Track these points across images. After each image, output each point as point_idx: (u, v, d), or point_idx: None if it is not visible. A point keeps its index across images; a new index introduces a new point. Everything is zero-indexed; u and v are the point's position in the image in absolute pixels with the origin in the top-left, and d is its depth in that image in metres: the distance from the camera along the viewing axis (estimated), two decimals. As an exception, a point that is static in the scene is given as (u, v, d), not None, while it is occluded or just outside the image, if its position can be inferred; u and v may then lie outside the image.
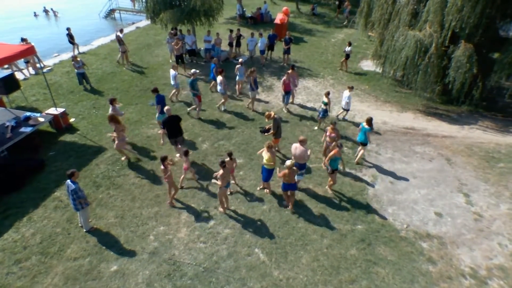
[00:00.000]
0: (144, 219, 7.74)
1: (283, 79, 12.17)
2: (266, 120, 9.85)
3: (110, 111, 9.69)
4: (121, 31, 16.87)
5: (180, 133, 9.28)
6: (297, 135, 11.15)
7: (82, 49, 18.69)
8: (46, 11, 28.90)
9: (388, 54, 14.58)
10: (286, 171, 7.42)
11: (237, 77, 13.51)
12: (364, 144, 9.68)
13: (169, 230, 7.51)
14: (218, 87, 12.08)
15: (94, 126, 11.15)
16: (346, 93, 11.65)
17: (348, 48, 16.23)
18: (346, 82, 15.44)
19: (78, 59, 13.36)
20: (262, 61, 16.91)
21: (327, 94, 11.18)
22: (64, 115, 10.82)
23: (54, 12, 28.89)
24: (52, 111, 10.79)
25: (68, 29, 17.51)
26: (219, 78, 11.94)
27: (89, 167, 9.23)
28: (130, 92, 13.64)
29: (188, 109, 12.25)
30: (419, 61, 12.22)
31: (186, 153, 8.30)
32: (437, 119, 12.74)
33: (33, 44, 16.29)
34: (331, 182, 8.63)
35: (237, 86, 13.93)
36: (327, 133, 9.42)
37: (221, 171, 7.34)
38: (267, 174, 8.22)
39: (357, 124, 12.06)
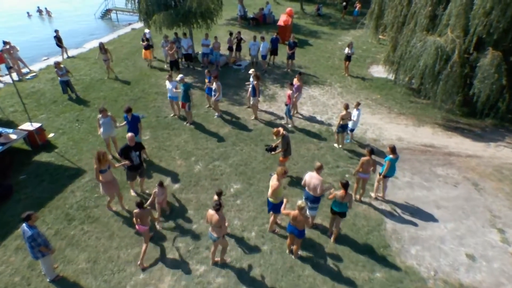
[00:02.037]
0: (121, 264, 6.51)
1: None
2: (274, 138, 8.60)
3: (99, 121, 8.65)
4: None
5: (142, 164, 7.77)
6: (303, 153, 9.94)
7: (72, 52, 17.54)
8: (39, 11, 27.77)
9: (402, 61, 13.30)
10: (295, 212, 6.12)
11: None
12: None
13: (150, 279, 6.27)
14: (214, 94, 10.97)
15: (74, 142, 9.94)
16: (354, 111, 10.16)
17: (349, 50, 14.95)
18: (356, 91, 14.15)
19: (62, 65, 12.16)
20: (264, 66, 15.64)
21: (346, 106, 9.78)
22: (40, 131, 9.60)
23: (48, 12, 27.74)
24: (27, 126, 9.58)
25: (56, 31, 16.38)
26: (216, 84, 10.81)
27: (63, 195, 8.00)
28: (118, 102, 12.42)
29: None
30: (439, 70, 10.91)
31: (161, 184, 7.11)
32: (459, 134, 11.42)
33: (18, 47, 15.23)
34: (335, 234, 7.20)
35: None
36: (361, 163, 7.78)
37: (215, 216, 5.83)
38: (273, 207, 6.92)
39: (363, 140, 10.79)
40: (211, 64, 15.86)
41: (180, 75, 10.68)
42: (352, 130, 10.46)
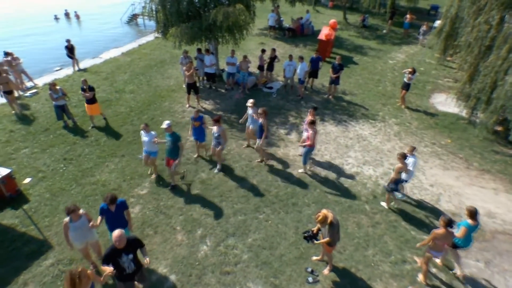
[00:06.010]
0: None
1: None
2: (319, 225, 5.76)
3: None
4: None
5: (138, 269, 4.96)
6: (351, 232, 7.10)
7: (86, 63, 15.80)
8: (67, 14, 26.72)
9: (485, 96, 10.18)
10: None
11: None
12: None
13: None
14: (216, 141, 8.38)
15: (51, 195, 7.70)
16: (409, 158, 7.54)
17: (411, 76, 11.79)
18: (418, 131, 11.03)
19: (58, 87, 10.10)
20: (301, 92, 12.87)
21: (402, 156, 7.19)
22: (8, 180, 7.43)
23: (77, 15, 26.63)
24: (-8, 173, 7.48)
25: (67, 41, 14.68)
26: (219, 128, 8.15)
27: (10, 290, 5.73)
28: (120, 134, 10.18)
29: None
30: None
31: None
32: None
33: (21, 59, 13.55)
34: None
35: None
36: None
37: None
38: None
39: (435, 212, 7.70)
40: (237, 85, 13.38)
41: (167, 122, 7.44)
42: (405, 182, 7.79)
